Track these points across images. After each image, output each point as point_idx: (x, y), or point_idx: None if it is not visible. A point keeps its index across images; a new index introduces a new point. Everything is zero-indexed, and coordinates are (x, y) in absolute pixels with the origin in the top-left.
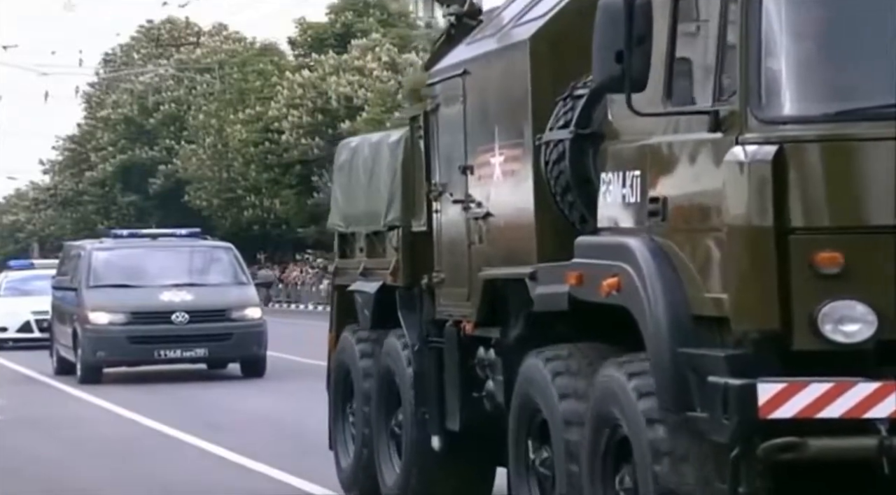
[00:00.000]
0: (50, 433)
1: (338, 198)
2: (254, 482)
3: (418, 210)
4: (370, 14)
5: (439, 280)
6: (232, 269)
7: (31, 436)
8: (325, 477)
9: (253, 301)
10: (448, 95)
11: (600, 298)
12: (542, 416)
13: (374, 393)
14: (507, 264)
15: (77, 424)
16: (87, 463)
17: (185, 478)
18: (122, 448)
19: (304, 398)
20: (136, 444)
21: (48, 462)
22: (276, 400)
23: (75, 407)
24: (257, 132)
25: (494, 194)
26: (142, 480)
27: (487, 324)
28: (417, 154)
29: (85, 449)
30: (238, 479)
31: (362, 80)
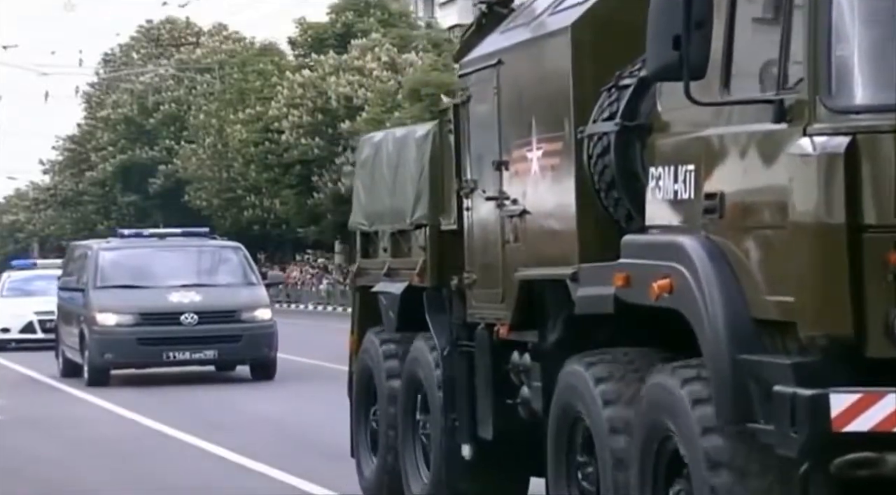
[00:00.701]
0: (50, 433)
1: (360, 195)
2: (254, 482)
3: (447, 207)
4: (371, 14)
5: (470, 281)
6: (241, 269)
7: (31, 436)
8: (326, 478)
9: (263, 302)
10: (480, 87)
11: (650, 301)
12: (584, 424)
13: (400, 399)
14: (546, 264)
15: (78, 424)
16: (88, 463)
17: (186, 479)
18: (122, 448)
19: (306, 399)
20: (137, 444)
21: (48, 462)
22: (278, 401)
23: (76, 407)
24: (257, 132)
25: (532, 191)
26: (142, 480)
27: (523, 327)
28: (447, 149)
29: (85, 450)
30: (238, 480)
31: (362, 80)
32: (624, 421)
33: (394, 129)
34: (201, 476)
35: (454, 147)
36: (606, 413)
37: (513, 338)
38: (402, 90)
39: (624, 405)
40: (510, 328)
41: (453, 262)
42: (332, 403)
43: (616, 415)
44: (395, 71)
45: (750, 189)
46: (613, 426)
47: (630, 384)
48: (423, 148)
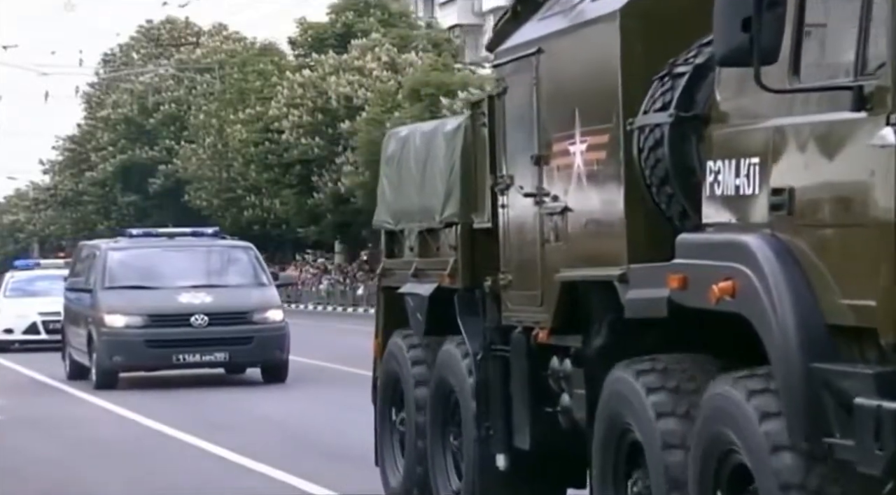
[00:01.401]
0: (51, 433)
1: (385, 192)
2: (255, 482)
3: (480, 205)
4: (371, 14)
5: (506, 282)
6: (252, 270)
7: (31, 436)
8: (327, 478)
9: (274, 303)
10: (517, 77)
11: (709, 305)
12: (633, 436)
13: (430, 406)
14: (590, 265)
15: (78, 424)
16: (88, 463)
17: (186, 479)
18: (123, 448)
19: (307, 399)
20: (137, 445)
21: (48, 462)
22: (278, 401)
23: (77, 407)
24: (257, 132)
25: (574, 187)
26: (143, 481)
27: (564, 331)
28: (479, 143)
29: (86, 450)
30: (239, 480)
31: (362, 80)
32: (679, 436)
33: (421, 124)
34: (201, 476)
35: (488, 141)
36: (660, 426)
37: (552, 342)
38: (402, 90)
39: (679, 418)
40: (550, 332)
41: (486, 262)
42: (332, 403)
43: (671, 429)
44: (395, 71)
45: (823, 183)
46: (668, 441)
47: (684, 395)
48: (454, 142)
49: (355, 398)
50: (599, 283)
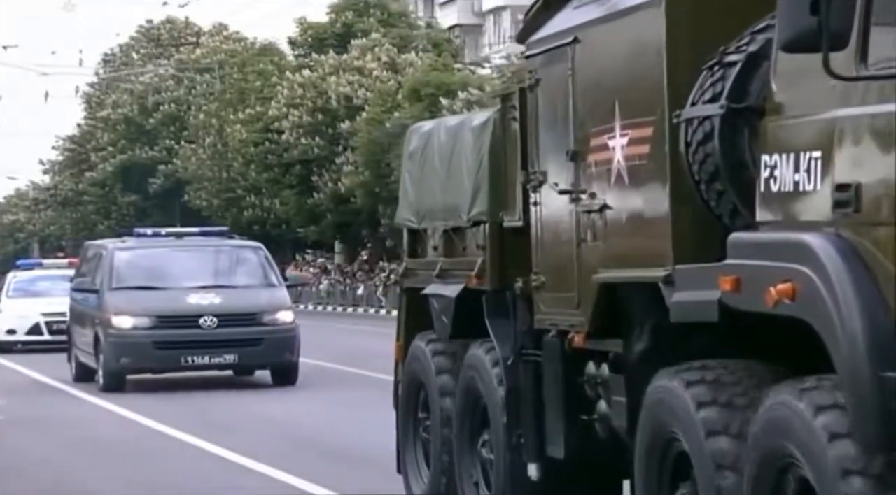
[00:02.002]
0: (51, 433)
1: (408, 190)
2: (255, 482)
3: (510, 203)
4: (371, 14)
5: (539, 283)
6: (262, 270)
7: (31, 437)
8: (327, 478)
9: (285, 304)
10: (551, 69)
11: (766, 308)
12: (680, 447)
13: (457, 412)
14: (631, 265)
15: (78, 425)
16: (88, 463)
17: (186, 479)
18: (123, 449)
19: (308, 399)
20: (137, 445)
21: (48, 462)
22: (279, 401)
23: (78, 408)
24: (257, 132)
25: (614, 183)
26: (143, 481)
27: (602, 335)
28: (510, 138)
29: (86, 450)
30: (239, 480)
31: (362, 80)
32: (732, 456)
33: (445, 118)
34: (201, 476)
35: (519, 135)
36: (711, 446)
37: (589, 347)
38: (402, 90)
39: (732, 437)
40: (587, 336)
41: (516, 263)
42: (333, 403)
43: (723, 449)
44: (395, 71)
45: (894, 178)
46: (720, 462)
47: (737, 410)
48: (482, 137)
49: (356, 398)
50: (642, 285)
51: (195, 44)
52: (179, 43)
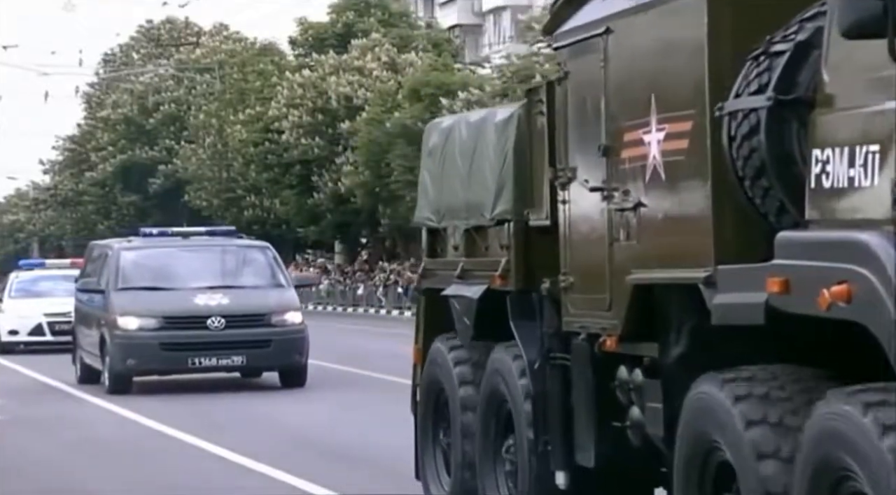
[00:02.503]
0: (51, 433)
1: (427, 188)
2: (255, 482)
3: (537, 201)
4: (371, 14)
5: (567, 284)
6: (269, 270)
7: (31, 437)
8: (327, 478)
9: (293, 304)
10: (581, 61)
11: (818, 311)
12: (722, 456)
13: (479, 418)
14: (668, 266)
15: (78, 425)
16: (89, 463)
17: (186, 479)
18: (123, 449)
19: (308, 399)
20: (137, 445)
21: (48, 462)
22: (279, 401)
23: (78, 408)
24: (257, 132)
25: (649, 180)
26: (143, 481)
27: (635, 338)
28: (536, 133)
29: (86, 450)
30: (239, 480)
31: (362, 80)
32: (783, 483)
33: (466, 113)
34: (201, 476)
35: (546, 131)
36: (762, 470)
37: (622, 351)
38: (402, 90)
39: (783, 461)
40: (619, 339)
41: (542, 263)
42: (333, 403)
43: (774, 475)
44: (395, 71)
45: None
46: (771, 490)
47: (788, 427)
48: (506, 133)
49: (356, 398)
50: (679, 287)
51: (195, 44)
52: (179, 43)
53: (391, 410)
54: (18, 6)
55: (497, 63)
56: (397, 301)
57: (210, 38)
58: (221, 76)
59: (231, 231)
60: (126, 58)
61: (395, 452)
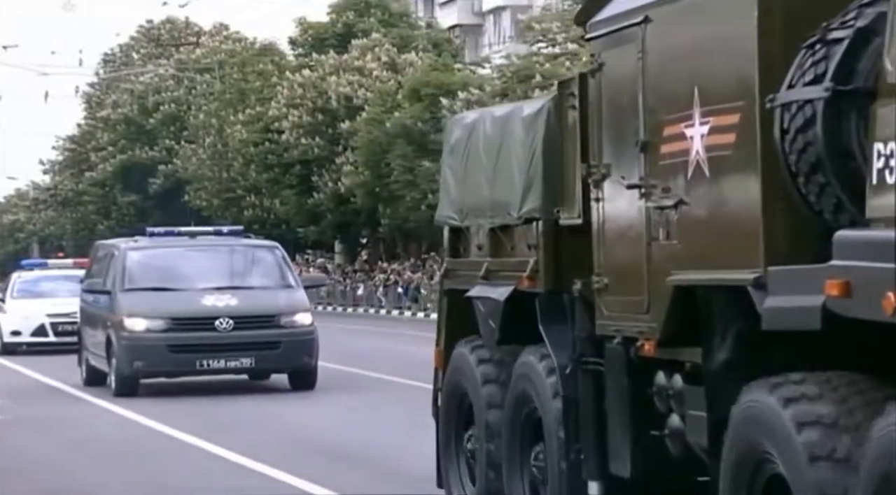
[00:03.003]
0: (51, 433)
1: (449, 185)
2: (255, 482)
3: (568, 198)
4: (371, 14)
5: (601, 286)
6: (278, 271)
7: (31, 437)
8: (327, 478)
9: (303, 305)
10: (617, 52)
11: (883, 316)
12: (774, 469)
13: (506, 424)
14: (712, 267)
15: (78, 425)
16: (89, 463)
17: (186, 479)
18: (123, 449)
19: (308, 399)
20: (137, 445)
21: (48, 462)
22: (279, 401)
23: (78, 408)
24: (257, 132)
25: (692, 176)
26: (143, 481)
27: (676, 343)
28: (567, 128)
29: (86, 450)
30: (239, 480)
31: (362, 80)
32: (840, 484)
33: (491, 108)
34: (202, 476)
35: (580, 125)
36: (817, 476)
37: (661, 356)
38: (402, 90)
39: (837, 463)
40: (658, 344)
41: (572, 263)
42: (334, 403)
43: (828, 476)
44: (395, 71)
45: None
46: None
47: (843, 428)
48: (534, 128)
49: (356, 398)
50: (725, 289)
51: (195, 44)
52: (179, 43)
53: (392, 410)
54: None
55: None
56: (397, 301)
57: (210, 38)
58: (221, 76)
59: (239, 230)
60: (126, 58)
61: (398, 453)
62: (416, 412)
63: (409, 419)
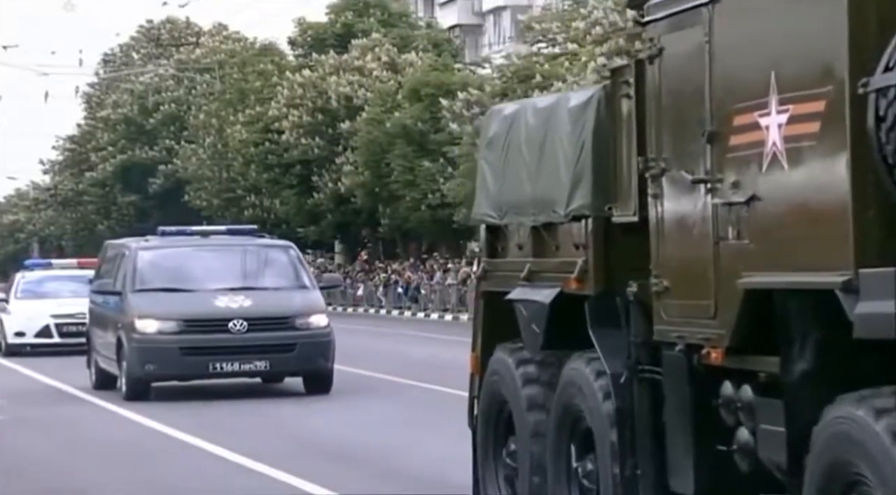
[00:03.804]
0: (51, 433)
1: (487, 181)
2: (255, 482)
3: (621, 194)
4: (370, 14)
5: (661, 288)
6: (293, 271)
7: (31, 437)
8: (327, 478)
9: (318, 307)
10: (679, 35)
11: None
12: (868, 492)
13: (551, 436)
14: (791, 269)
15: (78, 424)
16: (89, 463)
17: (187, 480)
18: (123, 449)
19: (309, 399)
20: (138, 445)
21: (48, 462)
22: (279, 401)
23: (78, 408)
24: (257, 132)
25: (767, 169)
26: (143, 481)
27: (747, 351)
28: (620, 118)
29: (86, 450)
30: (239, 480)
31: (362, 80)
32: None
33: (532, 99)
34: (201, 476)
35: (635, 115)
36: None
37: (730, 365)
38: (402, 90)
39: None
40: (727, 352)
41: (625, 263)
42: (334, 403)
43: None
44: (395, 71)
45: None
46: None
47: None
48: (583, 119)
49: (356, 398)
50: (807, 293)
51: (195, 44)
52: (179, 43)
53: (392, 410)
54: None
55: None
56: (397, 301)
57: (210, 38)
58: (221, 76)
59: (252, 230)
60: (126, 58)
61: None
62: (415, 412)
63: (409, 419)
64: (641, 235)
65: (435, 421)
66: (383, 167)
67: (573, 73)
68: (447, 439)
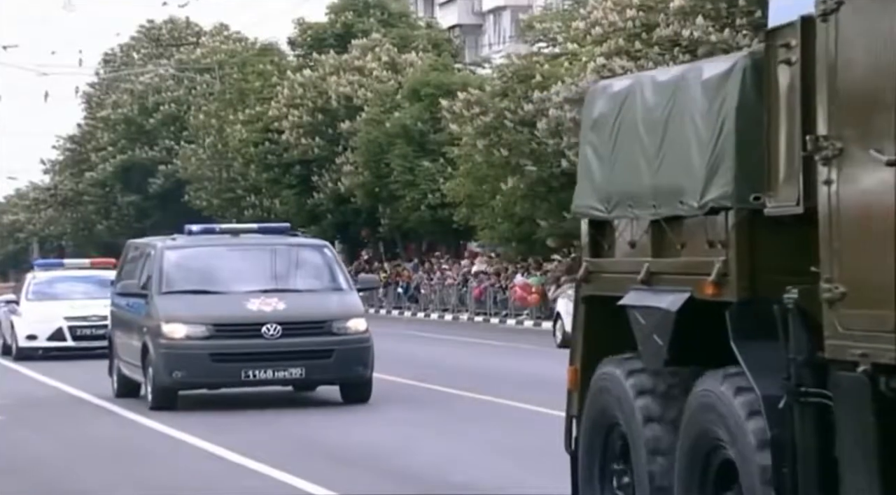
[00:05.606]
0: (51, 433)
1: (592, 168)
2: (255, 482)
3: (779, 181)
4: (370, 14)
5: (834, 295)
6: (329, 272)
7: (31, 437)
8: (327, 478)
9: (357, 310)
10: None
11: None
12: None
13: (680, 465)
14: None
15: (78, 424)
16: (88, 463)
17: (187, 479)
18: (123, 449)
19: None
20: (138, 445)
21: (49, 462)
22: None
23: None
24: (257, 132)
25: None
26: (143, 481)
27: None
28: (776, 90)
29: (86, 451)
30: (239, 480)
31: (362, 79)
32: None
33: (650, 72)
34: (201, 476)
35: (800, 85)
36: None
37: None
38: (402, 90)
39: None
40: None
41: (777, 264)
42: (334, 403)
43: None
44: (395, 71)
45: None
46: None
47: None
48: (723, 93)
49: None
50: None
51: (195, 44)
52: (180, 43)
53: (392, 410)
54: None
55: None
56: (397, 301)
57: (210, 38)
58: (221, 76)
59: (285, 228)
60: (126, 58)
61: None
62: (416, 412)
63: (409, 419)
64: (801, 230)
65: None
66: (383, 167)
67: (573, 73)
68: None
